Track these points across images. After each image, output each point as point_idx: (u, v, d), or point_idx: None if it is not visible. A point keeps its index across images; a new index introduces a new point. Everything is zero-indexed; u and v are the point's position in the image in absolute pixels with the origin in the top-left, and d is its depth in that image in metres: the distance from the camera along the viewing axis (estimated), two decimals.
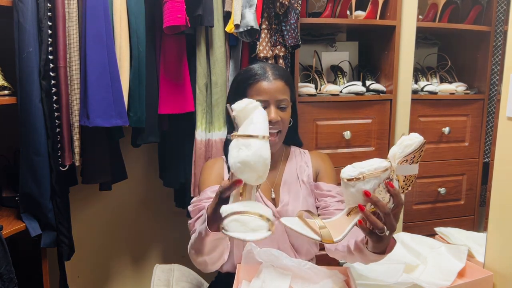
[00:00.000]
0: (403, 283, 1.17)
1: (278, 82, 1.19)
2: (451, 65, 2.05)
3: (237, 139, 0.82)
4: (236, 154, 0.81)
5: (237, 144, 0.82)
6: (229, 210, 0.81)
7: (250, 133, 0.82)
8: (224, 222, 0.81)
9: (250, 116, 0.86)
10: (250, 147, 0.81)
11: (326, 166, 1.33)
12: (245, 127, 0.83)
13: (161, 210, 1.92)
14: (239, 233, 0.80)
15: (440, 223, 1.80)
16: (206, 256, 1.04)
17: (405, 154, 0.87)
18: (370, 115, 1.79)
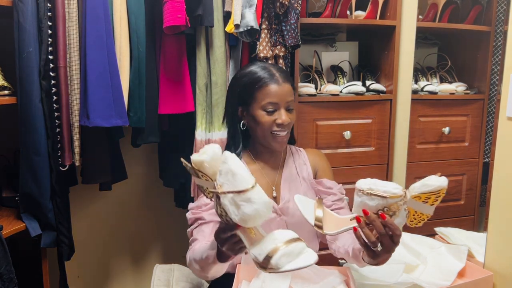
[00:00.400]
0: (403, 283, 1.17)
1: (287, 85, 1.21)
2: (451, 65, 2.05)
3: (230, 196, 0.81)
4: (238, 211, 0.81)
5: (234, 201, 0.80)
6: (265, 251, 0.83)
7: (244, 187, 0.80)
8: (271, 263, 0.82)
9: (222, 165, 0.82)
10: (252, 201, 0.80)
11: (324, 163, 1.36)
12: (229, 181, 0.81)
13: (161, 210, 1.92)
14: (292, 263, 0.82)
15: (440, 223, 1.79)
16: (210, 275, 1.08)
17: (420, 191, 0.89)
18: (370, 115, 1.79)
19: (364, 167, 1.82)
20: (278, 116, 1.19)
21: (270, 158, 1.30)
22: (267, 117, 1.20)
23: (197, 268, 1.09)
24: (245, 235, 0.87)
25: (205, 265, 1.04)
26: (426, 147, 1.94)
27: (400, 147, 1.87)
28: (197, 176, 0.86)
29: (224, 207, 0.82)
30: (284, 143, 1.24)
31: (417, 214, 0.92)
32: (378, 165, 1.84)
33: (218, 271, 1.08)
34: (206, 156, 0.84)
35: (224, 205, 0.82)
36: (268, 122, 1.20)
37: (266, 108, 1.19)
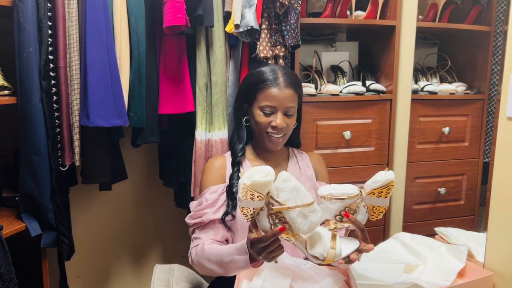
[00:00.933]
0: (403, 283, 1.17)
1: (288, 90, 1.23)
2: (451, 65, 2.05)
3: (298, 210, 0.92)
4: (306, 221, 0.93)
5: (302, 214, 0.92)
6: (327, 246, 0.99)
7: (311, 200, 0.93)
8: (336, 254, 0.99)
9: (283, 183, 0.93)
10: (316, 211, 0.94)
11: (323, 168, 1.42)
12: (295, 196, 0.93)
13: (161, 210, 1.92)
14: (347, 248, 1.01)
15: (440, 223, 1.79)
16: (226, 275, 1.13)
17: (372, 188, 0.98)
18: (370, 115, 1.79)
19: (364, 167, 1.82)
20: (274, 119, 1.23)
21: (271, 156, 1.33)
22: (264, 118, 1.24)
23: (212, 268, 1.12)
24: (299, 241, 0.99)
25: (229, 268, 1.08)
26: (426, 147, 1.94)
27: (400, 147, 1.87)
28: (252, 198, 0.92)
29: (291, 220, 0.93)
30: (279, 144, 1.27)
31: (375, 208, 1.01)
32: (378, 165, 1.84)
33: (239, 272, 1.12)
34: (272, 176, 0.92)
35: (292, 218, 0.93)
36: (264, 123, 1.24)
37: (264, 109, 1.24)
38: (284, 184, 0.93)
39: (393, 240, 1.49)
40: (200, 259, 1.16)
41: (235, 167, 1.28)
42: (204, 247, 1.16)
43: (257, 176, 0.90)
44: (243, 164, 1.31)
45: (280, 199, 0.93)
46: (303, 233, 0.94)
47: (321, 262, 0.98)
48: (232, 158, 1.31)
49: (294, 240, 0.96)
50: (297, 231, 0.94)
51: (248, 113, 1.30)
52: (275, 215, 0.94)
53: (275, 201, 0.93)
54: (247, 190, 0.90)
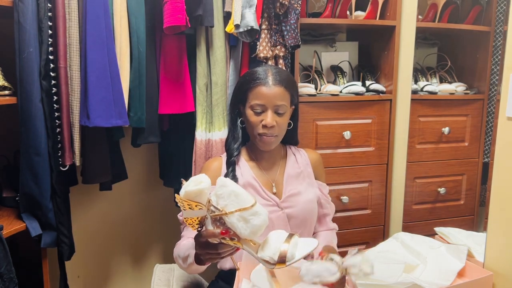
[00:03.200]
0: (403, 283, 1.17)
1: (277, 87, 1.23)
2: (451, 65, 2.05)
3: (238, 214, 0.90)
4: (247, 225, 0.90)
5: (242, 218, 0.90)
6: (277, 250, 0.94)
7: (250, 203, 0.91)
8: (288, 256, 0.94)
9: (220, 189, 0.91)
10: (259, 213, 0.91)
11: (322, 167, 1.42)
12: (234, 201, 0.90)
13: (161, 210, 1.92)
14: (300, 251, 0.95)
15: (440, 223, 1.79)
16: (189, 271, 1.17)
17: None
18: (370, 115, 1.79)
19: (364, 167, 1.82)
20: (264, 118, 1.23)
21: (268, 156, 1.34)
22: (255, 117, 1.25)
23: (180, 263, 1.15)
24: (248, 245, 0.96)
25: (186, 262, 1.10)
26: (426, 147, 1.94)
27: (400, 147, 1.87)
28: (191, 208, 0.91)
29: (232, 225, 0.90)
30: (271, 144, 1.27)
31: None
32: (378, 165, 1.84)
33: (197, 270, 1.13)
34: (205, 184, 0.90)
35: (232, 223, 0.90)
36: (255, 123, 1.25)
37: (254, 108, 1.24)
38: (221, 190, 0.92)
39: (393, 240, 1.49)
40: (175, 253, 1.19)
41: (230, 167, 1.29)
42: (181, 242, 1.20)
43: (190, 186, 0.89)
44: (240, 164, 1.32)
45: (219, 205, 0.92)
46: (247, 237, 0.92)
47: (273, 266, 0.95)
48: (228, 158, 1.32)
49: (243, 245, 0.95)
50: (242, 236, 0.92)
51: (243, 115, 1.31)
52: (218, 222, 0.93)
53: (215, 208, 0.92)
54: (182, 201, 0.90)
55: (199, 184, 0.89)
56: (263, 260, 0.95)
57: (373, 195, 1.86)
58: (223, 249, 0.94)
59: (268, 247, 0.95)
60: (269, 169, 1.33)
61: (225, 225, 0.92)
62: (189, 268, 1.12)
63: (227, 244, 0.93)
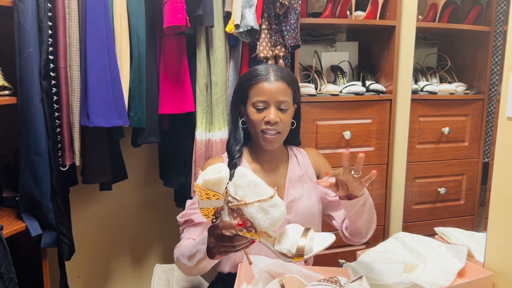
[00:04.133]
0: (403, 283, 1.17)
1: (279, 83, 1.20)
2: (451, 65, 2.05)
3: (257, 205, 0.88)
4: (266, 216, 0.89)
5: (261, 209, 0.89)
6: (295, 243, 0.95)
7: (270, 194, 0.89)
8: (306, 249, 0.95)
9: (239, 179, 0.90)
10: (278, 205, 0.90)
11: (325, 163, 1.38)
12: (253, 191, 0.89)
13: (161, 210, 1.92)
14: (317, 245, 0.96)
15: (440, 223, 1.79)
16: (195, 270, 1.10)
17: None
18: (370, 115, 1.79)
19: (364, 167, 1.80)
20: (267, 114, 1.19)
21: (270, 158, 1.30)
22: (257, 115, 1.20)
23: (184, 263, 1.10)
24: (265, 238, 0.95)
25: (194, 259, 1.06)
26: (426, 147, 1.94)
27: (400, 147, 1.87)
28: (208, 198, 0.89)
29: (251, 216, 0.89)
30: (274, 142, 1.23)
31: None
32: (378, 165, 1.84)
33: (205, 267, 1.09)
34: (224, 173, 0.89)
35: (251, 214, 0.89)
36: (258, 120, 1.20)
37: (256, 105, 1.20)
38: (240, 180, 0.90)
39: (393, 240, 1.49)
40: (177, 254, 1.15)
41: (231, 169, 1.26)
42: (183, 243, 1.17)
43: (209, 175, 0.87)
44: (241, 165, 1.29)
45: (237, 196, 0.90)
46: (265, 229, 0.90)
47: (290, 260, 0.94)
48: (229, 159, 1.28)
49: (260, 238, 0.93)
50: (260, 228, 0.90)
51: (244, 115, 1.27)
52: (236, 213, 0.91)
53: (233, 198, 0.90)
54: (200, 190, 0.88)
55: (218, 173, 0.88)
56: (280, 253, 0.94)
57: (373, 195, 1.86)
58: (239, 241, 0.92)
59: (285, 240, 0.94)
60: (271, 172, 1.30)
61: (243, 216, 0.90)
62: (197, 266, 1.06)
63: (243, 236, 0.91)
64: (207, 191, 0.88)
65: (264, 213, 0.88)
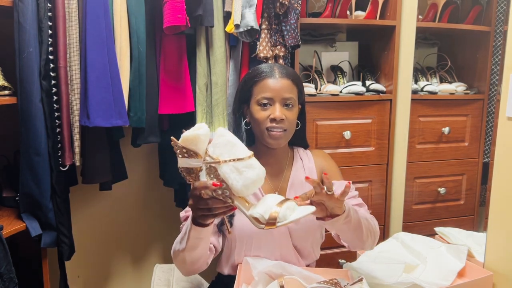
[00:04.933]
0: (403, 283, 1.17)
1: (284, 80, 1.16)
2: (451, 65, 2.05)
3: (232, 164, 0.86)
4: (240, 177, 0.86)
5: (236, 169, 0.86)
6: (269, 208, 0.90)
7: (246, 155, 0.87)
8: (280, 216, 0.90)
9: (217, 139, 0.88)
10: (254, 166, 0.87)
11: (331, 165, 1.31)
12: (229, 151, 0.87)
13: (161, 210, 1.92)
14: (295, 214, 0.91)
15: (440, 223, 1.79)
16: (186, 252, 1.03)
17: None
18: (370, 115, 1.79)
19: (364, 167, 1.82)
20: (272, 112, 1.15)
21: (274, 160, 1.24)
22: (262, 113, 1.16)
23: (178, 249, 1.05)
24: (241, 203, 0.91)
25: (184, 238, 1.01)
26: (426, 147, 1.94)
27: (400, 147, 1.87)
28: (187, 156, 0.87)
29: (224, 175, 0.86)
30: (280, 140, 1.18)
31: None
32: (378, 165, 1.84)
33: (195, 246, 1.02)
34: (202, 131, 0.86)
35: (225, 173, 0.86)
36: (263, 118, 1.16)
37: (261, 102, 1.16)
38: (218, 140, 0.87)
39: (393, 240, 1.49)
40: (173, 246, 1.10)
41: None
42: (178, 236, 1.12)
43: (187, 132, 0.86)
44: None
45: (214, 155, 0.87)
46: (239, 192, 0.86)
47: (263, 226, 0.90)
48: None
49: (235, 202, 0.90)
50: (233, 189, 0.86)
51: (248, 114, 1.22)
52: (212, 173, 0.87)
53: (210, 158, 0.87)
54: (179, 147, 0.87)
55: (197, 129, 0.86)
56: (253, 217, 0.91)
57: (373, 195, 1.86)
58: (215, 204, 0.89)
59: (260, 206, 0.91)
60: (274, 175, 1.25)
61: (219, 177, 0.87)
62: (187, 245, 1.01)
63: (219, 200, 0.88)
64: (186, 148, 0.86)
65: (238, 173, 0.85)
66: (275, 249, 1.17)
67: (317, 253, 1.27)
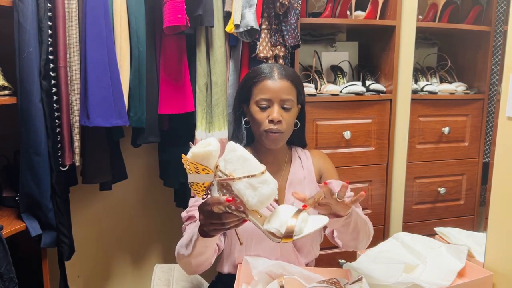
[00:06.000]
0: (403, 283, 1.17)
1: (284, 81, 1.17)
2: (451, 65, 2.05)
3: (246, 180, 0.86)
4: (255, 193, 0.86)
5: (250, 185, 0.86)
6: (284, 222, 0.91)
7: (260, 170, 0.87)
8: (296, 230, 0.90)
9: (229, 154, 0.87)
10: (268, 182, 0.87)
11: (328, 165, 1.32)
12: (242, 166, 0.86)
13: (161, 210, 1.92)
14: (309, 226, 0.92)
15: (440, 223, 1.79)
16: (192, 258, 1.04)
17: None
18: (370, 115, 1.79)
19: (364, 167, 1.82)
20: (270, 113, 1.16)
21: (273, 159, 1.26)
22: (260, 114, 1.17)
23: (183, 254, 1.06)
24: (254, 217, 0.92)
25: (190, 245, 1.02)
26: (426, 147, 1.94)
27: (400, 147, 1.87)
28: (197, 171, 0.87)
29: (239, 192, 0.86)
30: (278, 141, 1.19)
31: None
32: (378, 165, 1.84)
33: (202, 253, 1.03)
34: (213, 147, 0.86)
35: (239, 190, 0.86)
36: (261, 119, 1.17)
37: (260, 103, 1.17)
38: (230, 155, 0.87)
39: (393, 240, 1.49)
40: (177, 248, 1.11)
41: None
42: (182, 238, 1.12)
43: (197, 148, 0.85)
44: None
45: (227, 170, 0.86)
46: (254, 206, 0.86)
47: (279, 240, 0.90)
48: None
49: (249, 216, 0.90)
50: (248, 205, 0.86)
51: (247, 114, 1.24)
52: (225, 188, 0.87)
53: (223, 173, 0.87)
54: (188, 163, 0.86)
55: (207, 146, 0.85)
56: (268, 232, 0.91)
57: (373, 195, 1.86)
58: (228, 219, 0.89)
59: (275, 220, 0.91)
60: (273, 174, 1.19)
61: (232, 193, 0.87)
62: (194, 253, 1.01)
63: (233, 214, 0.88)
64: (196, 164, 0.86)
65: (252, 190, 0.85)
66: (275, 248, 1.17)
67: (316, 251, 1.28)
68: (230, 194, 0.87)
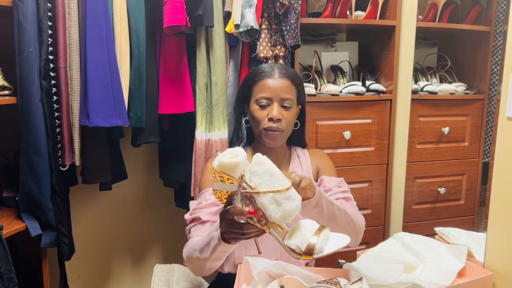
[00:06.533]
0: (403, 283, 1.17)
1: (284, 80, 1.19)
2: (451, 65, 2.05)
3: (270, 195, 0.85)
4: (279, 209, 0.85)
5: (274, 200, 0.85)
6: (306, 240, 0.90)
7: (286, 186, 0.86)
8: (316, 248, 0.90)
9: (256, 166, 0.87)
10: (293, 198, 0.86)
11: (326, 162, 1.34)
12: (268, 181, 0.86)
13: (161, 210, 1.92)
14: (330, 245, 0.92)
15: (440, 223, 1.79)
16: (209, 262, 1.06)
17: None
18: (370, 115, 1.79)
19: (364, 167, 1.82)
20: (270, 111, 1.18)
21: (273, 158, 1.22)
22: (260, 112, 1.19)
23: (197, 257, 1.07)
24: (275, 230, 0.91)
25: (208, 249, 1.02)
26: (426, 147, 1.94)
27: (400, 147, 1.87)
28: (222, 181, 0.87)
29: (262, 206, 0.86)
30: (277, 139, 1.21)
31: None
32: (378, 165, 1.84)
33: (219, 258, 1.05)
34: (241, 158, 0.86)
35: (263, 204, 0.86)
36: (261, 117, 1.19)
37: (260, 102, 1.19)
38: (257, 167, 0.86)
39: (393, 240, 1.49)
40: (188, 252, 1.12)
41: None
42: (193, 241, 1.14)
43: (225, 158, 0.85)
44: None
45: (252, 183, 0.86)
46: (276, 221, 0.87)
47: (299, 257, 0.90)
48: None
49: (270, 230, 0.90)
50: (271, 220, 0.86)
51: (248, 113, 1.26)
52: (248, 200, 0.88)
53: (247, 185, 0.86)
54: (215, 172, 0.86)
55: (234, 157, 0.85)
56: (289, 248, 0.90)
57: (373, 195, 1.86)
58: (249, 229, 0.89)
59: (297, 236, 0.90)
60: None
61: (255, 205, 0.87)
62: (211, 256, 1.02)
63: (254, 225, 0.88)
64: (222, 173, 0.86)
65: (276, 205, 0.85)
66: (275, 248, 1.18)
67: None
68: (253, 206, 0.87)
